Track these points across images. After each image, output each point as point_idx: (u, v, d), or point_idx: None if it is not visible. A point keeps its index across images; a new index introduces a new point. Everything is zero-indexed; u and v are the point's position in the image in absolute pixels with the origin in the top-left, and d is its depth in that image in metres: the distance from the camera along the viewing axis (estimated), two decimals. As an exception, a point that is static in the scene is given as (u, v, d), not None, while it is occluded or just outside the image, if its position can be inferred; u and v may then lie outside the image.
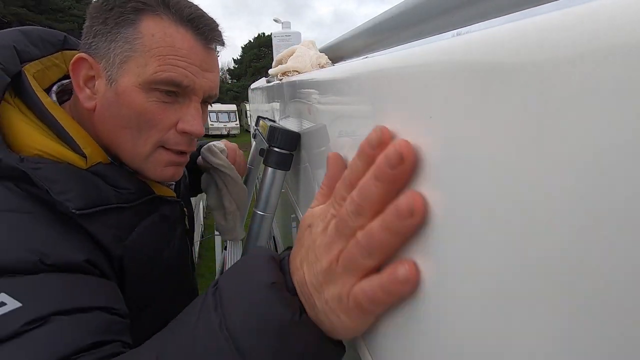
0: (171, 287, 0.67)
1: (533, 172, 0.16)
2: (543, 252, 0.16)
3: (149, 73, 0.51)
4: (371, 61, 0.36)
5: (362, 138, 0.36)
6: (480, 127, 0.19)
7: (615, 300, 0.13)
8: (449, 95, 0.22)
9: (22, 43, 0.54)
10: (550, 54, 0.15)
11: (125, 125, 0.54)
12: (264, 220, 0.66)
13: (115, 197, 0.54)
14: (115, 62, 0.52)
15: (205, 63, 0.56)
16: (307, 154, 0.62)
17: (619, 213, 0.12)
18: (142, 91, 0.52)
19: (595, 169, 0.13)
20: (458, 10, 0.36)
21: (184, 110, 0.56)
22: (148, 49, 0.51)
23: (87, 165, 0.52)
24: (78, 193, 0.49)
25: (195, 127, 0.56)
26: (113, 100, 0.53)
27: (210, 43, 0.57)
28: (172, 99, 0.55)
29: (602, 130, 0.13)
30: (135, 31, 0.51)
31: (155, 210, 0.62)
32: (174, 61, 0.52)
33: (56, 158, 0.50)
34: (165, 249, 0.64)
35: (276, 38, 1.26)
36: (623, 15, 0.12)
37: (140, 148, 0.55)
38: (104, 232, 0.52)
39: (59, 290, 0.42)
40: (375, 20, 0.55)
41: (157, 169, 0.58)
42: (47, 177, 0.47)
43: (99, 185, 0.53)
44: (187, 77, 0.53)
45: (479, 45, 0.20)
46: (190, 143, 0.59)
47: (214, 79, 0.58)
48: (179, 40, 0.52)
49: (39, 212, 0.46)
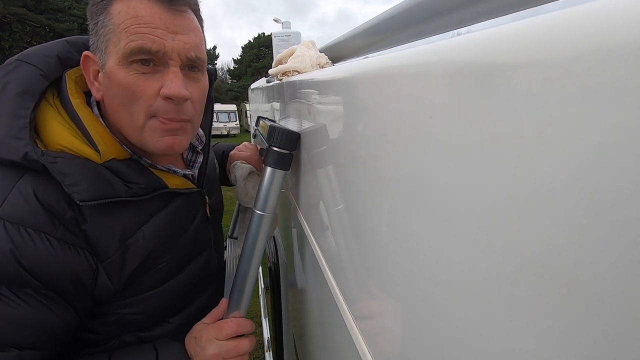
0: (188, 270, 0.72)
1: (533, 172, 0.16)
2: (543, 252, 0.16)
3: (122, 48, 0.55)
4: (371, 61, 0.36)
5: (362, 138, 0.36)
6: (480, 127, 0.19)
7: (607, 301, 0.13)
8: (449, 95, 0.22)
9: (66, 52, 0.62)
10: (550, 54, 0.15)
11: (119, 103, 0.58)
12: (264, 220, 0.66)
13: (125, 191, 0.59)
14: (101, 48, 0.57)
15: (173, 25, 0.57)
16: (307, 154, 0.62)
17: (619, 213, 0.12)
18: (122, 67, 0.56)
19: (595, 168, 0.13)
20: (458, 10, 0.36)
21: (164, 77, 0.58)
22: (117, 26, 0.55)
23: (101, 161, 0.58)
24: (87, 186, 0.55)
25: (173, 90, 0.57)
26: (108, 84, 0.58)
27: (175, 5, 0.57)
28: (151, 68, 0.57)
29: (602, 129, 0.13)
30: (108, 14, 0.56)
31: (167, 204, 0.67)
32: (139, 29, 0.55)
33: (75, 153, 0.56)
34: (179, 239, 0.69)
35: (276, 38, 1.26)
36: (623, 15, 0.12)
37: (134, 121, 0.59)
38: (108, 234, 0.58)
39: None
40: (375, 20, 0.55)
41: (154, 139, 0.60)
42: (61, 170, 0.54)
43: (111, 179, 0.58)
44: (155, 42, 0.55)
45: (479, 45, 0.20)
46: (177, 110, 0.60)
47: (188, 40, 0.59)
48: (141, 9, 0.55)
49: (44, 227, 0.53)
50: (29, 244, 0.52)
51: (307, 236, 0.64)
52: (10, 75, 0.57)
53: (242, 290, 0.68)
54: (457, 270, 0.22)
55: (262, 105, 1.56)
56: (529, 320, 0.17)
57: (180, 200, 0.69)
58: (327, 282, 0.50)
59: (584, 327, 0.14)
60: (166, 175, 0.67)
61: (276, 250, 1.04)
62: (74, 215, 0.56)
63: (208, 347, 0.62)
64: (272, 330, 1.16)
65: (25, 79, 0.57)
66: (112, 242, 0.59)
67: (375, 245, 0.35)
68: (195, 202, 0.73)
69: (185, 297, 0.73)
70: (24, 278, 0.52)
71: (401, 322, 0.30)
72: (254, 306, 2.83)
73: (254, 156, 0.96)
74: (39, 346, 0.54)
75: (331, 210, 0.48)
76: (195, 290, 0.76)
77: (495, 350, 0.19)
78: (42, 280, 0.53)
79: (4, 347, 0.51)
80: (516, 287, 0.17)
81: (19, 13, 21.88)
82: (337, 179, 0.46)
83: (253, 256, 0.67)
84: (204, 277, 0.77)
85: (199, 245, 0.75)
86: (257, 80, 2.17)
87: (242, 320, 0.67)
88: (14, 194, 0.53)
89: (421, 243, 0.26)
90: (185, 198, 0.70)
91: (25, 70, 0.57)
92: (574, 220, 0.14)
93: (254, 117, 1.50)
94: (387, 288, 0.33)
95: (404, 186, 0.28)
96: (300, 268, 0.76)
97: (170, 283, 0.69)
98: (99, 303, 0.62)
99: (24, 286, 0.52)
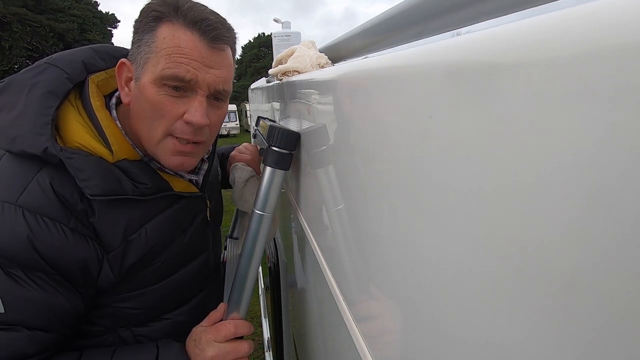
0: (185, 270, 0.76)
1: (533, 172, 0.16)
2: (543, 252, 0.16)
3: (159, 70, 0.60)
4: (371, 61, 0.36)
5: (361, 138, 0.36)
6: (480, 127, 0.19)
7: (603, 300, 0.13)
8: (449, 95, 0.22)
9: (91, 58, 0.68)
10: (550, 54, 0.15)
11: (144, 116, 0.63)
12: (263, 220, 0.66)
13: (132, 190, 0.64)
14: (140, 63, 0.62)
15: (209, 60, 0.62)
16: (307, 154, 0.62)
17: (619, 213, 0.12)
18: (155, 86, 0.61)
19: (594, 168, 0.13)
20: (458, 10, 0.36)
21: (190, 103, 0.63)
22: (160, 50, 0.60)
23: (113, 160, 0.63)
24: (98, 182, 0.59)
25: (196, 118, 0.62)
26: (138, 96, 0.63)
27: (213, 42, 0.63)
28: (180, 93, 0.62)
29: (602, 129, 0.13)
30: (153, 36, 0.61)
31: (170, 205, 0.71)
32: (178, 58, 0.60)
33: (90, 151, 0.61)
34: (178, 239, 0.73)
35: (276, 38, 1.26)
36: (623, 15, 0.12)
37: (153, 135, 0.64)
38: (113, 229, 0.63)
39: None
40: (375, 20, 0.55)
41: (166, 155, 0.66)
42: (76, 166, 0.59)
43: (120, 178, 0.63)
44: (189, 72, 0.61)
45: (479, 45, 0.20)
46: (195, 133, 0.65)
47: (220, 75, 0.64)
48: (184, 40, 0.60)
49: (58, 216, 0.58)
50: (45, 232, 0.56)
51: (307, 236, 0.64)
52: (39, 77, 0.62)
53: (241, 291, 0.68)
54: (457, 270, 0.22)
55: (262, 105, 1.56)
56: (530, 321, 0.17)
57: (183, 203, 0.73)
58: (327, 282, 0.50)
59: (584, 327, 0.14)
60: (172, 178, 0.72)
61: (276, 250, 1.04)
62: (84, 208, 0.60)
63: (207, 349, 0.64)
64: (272, 330, 1.16)
65: (52, 80, 0.62)
66: (117, 236, 0.63)
67: (375, 245, 0.35)
68: (196, 205, 0.77)
69: (181, 295, 0.77)
70: (37, 263, 0.56)
71: (401, 322, 0.30)
72: (254, 306, 2.83)
73: (255, 159, 0.96)
74: (48, 328, 0.58)
75: (331, 210, 0.48)
76: (191, 290, 0.79)
77: (495, 350, 0.19)
78: (54, 265, 0.58)
79: (15, 326, 0.55)
80: (516, 288, 0.17)
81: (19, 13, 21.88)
82: (337, 179, 0.46)
83: (253, 256, 0.67)
84: (200, 278, 0.81)
85: (197, 246, 0.79)
86: (257, 80, 2.17)
87: (240, 322, 0.68)
88: (33, 184, 0.58)
89: (421, 243, 0.26)
90: (187, 201, 0.74)
91: (53, 72, 0.63)
92: (573, 220, 0.14)
93: (254, 117, 1.50)
94: (387, 288, 0.33)
95: (404, 186, 0.28)
96: (300, 268, 0.76)
97: (167, 280, 0.73)
98: (100, 293, 0.65)
99: (38, 270, 0.57)
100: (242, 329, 0.67)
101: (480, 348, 0.20)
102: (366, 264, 0.37)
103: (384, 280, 0.33)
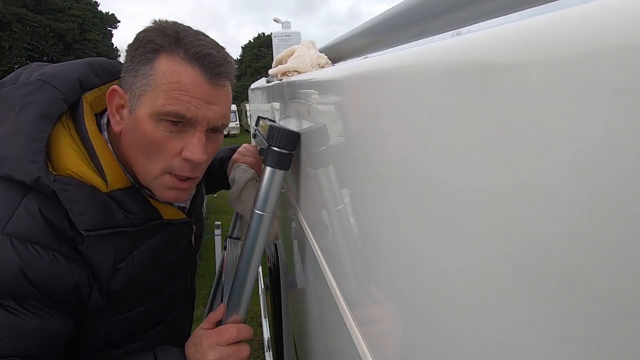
0: (165, 291, 0.77)
1: (533, 172, 0.16)
2: (543, 252, 0.16)
3: (158, 105, 0.58)
4: (371, 61, 0.36)
5: (361, 138, 0.36)
6: (480, 127, 0.19)
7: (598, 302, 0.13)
8: (449, 95, 0.22)
9: (86, 75, 0.65)
10: (550, 54, 0.15)
11: (139, 149, 0.62)
12: (263, 220, 0.66)
13: (123, 221, 0.62)
14: (135, 94, 0.59)
15: (210, 96, 0.61)
16: (307, 154, 0.62)
17: (619, 213, 0.12)
18: (152, 121, 0.59)
19: (594, 168, 0.13)
20: (458, 10, 0.36)
21: (188, 139, 0.61)
22: (159, 84, 0.58)
23: (107, 190, 0.61)
24: (92, 215, 0.58)
25: (195, 155, 0.61)
26: (132, 127, 0.61)
27: (215, 79, 0.61)
28: (179, 128, 0.60)
29: (601, 130, 0.13)
30: (151, 69, 0.58)
31: (159, 232, 0.70)
32: (179, 95, 0.58)
33: (83, 180, 0.59)
34: (162, 263, 0.73)
35: (276, 38, 1.26)
36: (623, 15, 0.12)
37: (150, 171, 0.63)
38: (103, 257, 0.61)
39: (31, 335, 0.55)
40: (375, 20, 0.55)
41: (162, 190, 0.65)
42: (70, 198, 0.56)
43: (113, 209, 0.61)
44: (190, 110, 0.59)
45: (479, 45, 0.20)
46: (193, 169, 0.64)
47: (219, 111, 0.63)
48: (185, 76, 0.58)
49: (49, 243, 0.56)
50: (37, 260, 0.54)
51: (307, 236, 0.64)
52: (32, 96, 0.58)
53: (241, 292, 0.68)
54: (457, 270, 0.22)
55: (262, 105, 1.56)
56: (530, 321, 0.17)
57: (171, 229, 0.73)
58: (327, 282, 0.50)
59: (583, 327, 0.14)
60: (162, 206, 0.71)
61: (276, 250, 1.04)
62: (73, 235, 0.58)
63: (209, 353, 0.64)
64: (272, 330, 1.16)
65: (47, 101, 0.58)
66: (105, 265, 0.62)
67: (375, 245, 0.35)
68: (183, 231, 0.77)
69: (157, 316, 0.78)
70: (30, 291, 0.55)
71: (401, 321, 0.30)
72: (254, 306, 2.83)
73: (258, 163, 0.95)
74: (43, 355, 0.57)
75: (331, 210, 0.48)
76: (166, 310, 0.80)
77: (495, 350, 0.19)
78: (47, 292, 0.56)
79: (12, 357, 0.54)
80: (517, 288, 0.17)
81: (19, 13, 21.88)
82: (337, 179, 0.46)
83: (252, 257, 0.67)
84: (176, 299, 0.83)
85: (179, 269, 0.80)
86: (257, 80, 2.17)
87: (242, 326, 0.68)
88: (20, 210, 0.55)
89: (421, 243, 0.26)
90: (175, 227, 0.74)
91: (48, 92, 0.59)
92: (574, 221, 0.14)
93: (254, 117, 1.50)
94: (387, 288, 0.33)
95: (404, 186, 0.28)
96: (300, 268, 0.76)
97: (148, 304, 0.73)
98: (85, 316, 0.65)
99: (30, 299, 0.55)
100: (245, 332, 0.67)
101: (480, 348, 0.20)
102: (366, 264, 0.37)
103: (384, 280, 0.33)
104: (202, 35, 0.62)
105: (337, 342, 0.48)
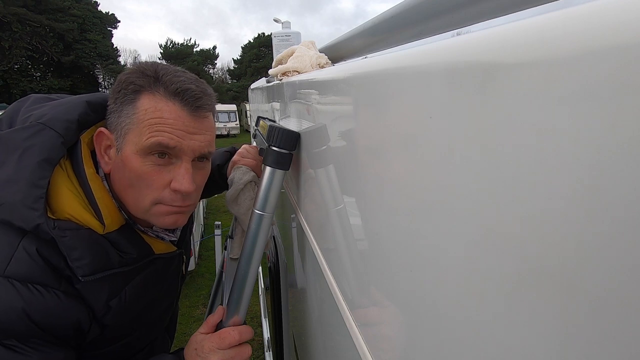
0: (154, 318, 0.80)
1: (533, 172, 0.16)
2: (543, 253, 0.16)
3: (142, 141, 0.60)
4: (371, 61, 0.36)
5: (361, 138, 0.36)
6: (480, 127, 0.19)
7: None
8: (448, 95, 0.22)
9: (85, 115, 0.65)
10: (550, 53, 0.15)
11: (129, 185, 0.63)
12: (263, 220, 0.66)
13: (118, 262, 0.64)
14: (121, 133, 0.62)
15: (192, 127, 0.63)
16: (307, 154, 0.62)
17: (620, 213, 0.12)
18: (139, 157, 0.61)
19: (595, 168, 0.13)
20: (458, 10, 0.36)
21: (176, 171, 0.63)
22: (142, 121, 0.60)
23: (103, 232, 0.62)
24: (89, 261, 0.59)
25: (184, 186, 0.63)
26: (120, 165, 0.63)
27: (196, 111, 0.63)
28: (166, 161, 0.62)
29: (601, 129, 0.13)
30: (134, 108, 0.61)
31: (149, 266, 0.71)
32: (161, 127, 0.60)
33: (80, 222, 0.60)
34: (153, 293, 0.75)
35: (276, 38, 1.26)
36: (623, 15, 0.12)
37: (140, 204, 0.64)
38: (98, 295, 0.63)
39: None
40: (375, 20, 0.55)
41: (159, 218, 0.66)
42: (69, 245, 0.58)
43: (109, 251, 0.63)
44: (173, 140, 0.61)
45: (479, 45, 0.20)
46: (183, 199, 0.65)
47: (204, 140, 0.65)
48: (167, 111, 0.61)
49: (50, 282, 0.57)
50: (39, 299, 0.56)
51: (307, 236, 0.64)
52: (33, 139, 0.58)
53: (241, 293, 0.68)
54: (457, 271, 0.22)
55: (262, 105, 1.56)
56: (530, 322, 0.17)
57: (161, 263, 0.75)
58: (327, 282, 0.50)
59: (583, 327, 0.14)
60: (154, 241, 0.72)
61: (276, 250, 1.04)
62: (69, 274, 0.60)
63: (211, 356, 0.64)
64: (272, 330, 1.16)
65: (47, 146, 0.58)
66: (100, 302, 0.64)
67: (375, 245, 0.35)
68: (173, 263, 0.79)
69: (144, 341, 0.80)
70: (32, 331, 0.56)
71: (401, 321, 0.30)
72: (254, 306, 2.83)
73: (258, 165, 0.95)
74: None
75: (331, 210, 0.48)
76: (154, 335, 0.83)
77: (495, 350, 0.19)
78: (49, 330, 0.58)
79: None
80: (517, 289, 0.17)
81: (19, 13, 21.87)
82: (337, 178, 0.46)
83: (252, 257, 0.67)
84: (163, 322, 0.86)
85: (167, 298, 0.83)
86: (257, 80, 2.17)
87: (243, 328, 0.68)
88: (20, 253, 0.56)
89: (421, 243, 0.26)
90: (165, 260, 0.76)
91: (48, 136, 0.59)
92: (574, 221, 0.14)
93: (254, 117, 1.50)
94: (387, 288, 0.33)
95: (404, 186, 0.28)
96: (300, 268, 0.76)
97: (139, 331, 0.75)
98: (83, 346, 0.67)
99: (33, 337, 0.57)
100: (246, 334, 0.68)
101: (480, 348, 0.20)
102: (366, 264, 0.37)
103: (384, 280, 0.33)
104: (181, 72, 0.65)
105: (337, 342, 0.48)
